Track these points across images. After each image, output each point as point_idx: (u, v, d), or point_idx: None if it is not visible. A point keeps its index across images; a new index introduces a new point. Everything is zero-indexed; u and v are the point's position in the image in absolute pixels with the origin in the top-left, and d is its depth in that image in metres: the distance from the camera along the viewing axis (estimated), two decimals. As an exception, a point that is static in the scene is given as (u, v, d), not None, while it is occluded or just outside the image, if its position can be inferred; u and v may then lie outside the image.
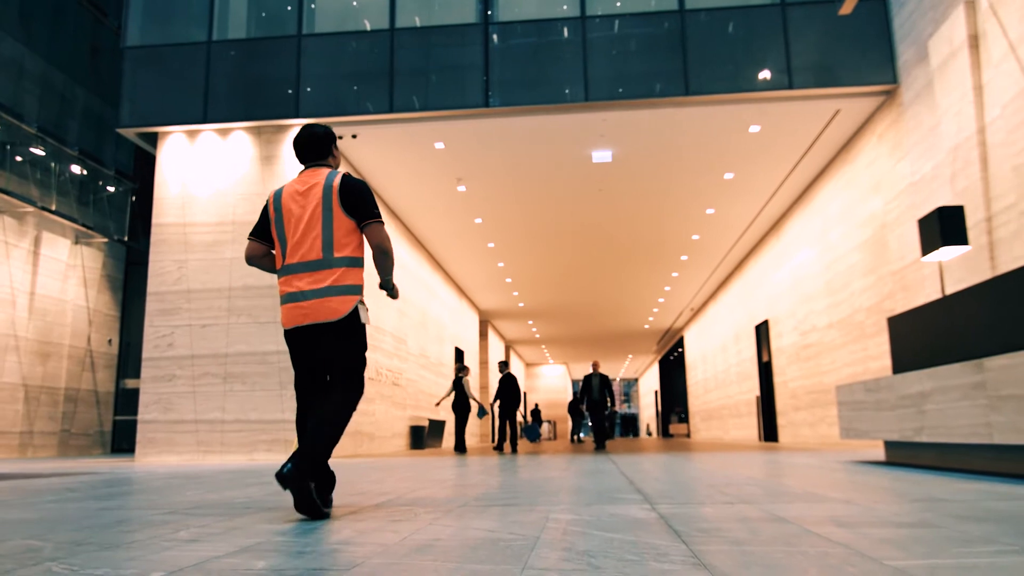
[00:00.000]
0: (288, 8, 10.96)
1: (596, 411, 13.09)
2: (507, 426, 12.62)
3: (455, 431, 12.52)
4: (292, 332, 2.99)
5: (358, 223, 3.00)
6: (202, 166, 10.70)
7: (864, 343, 10.34)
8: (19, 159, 13.75)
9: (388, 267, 3.07)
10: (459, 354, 20.38)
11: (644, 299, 22.53)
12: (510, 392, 12.63)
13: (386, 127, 10.31)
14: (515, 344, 32.24)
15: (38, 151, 14.20)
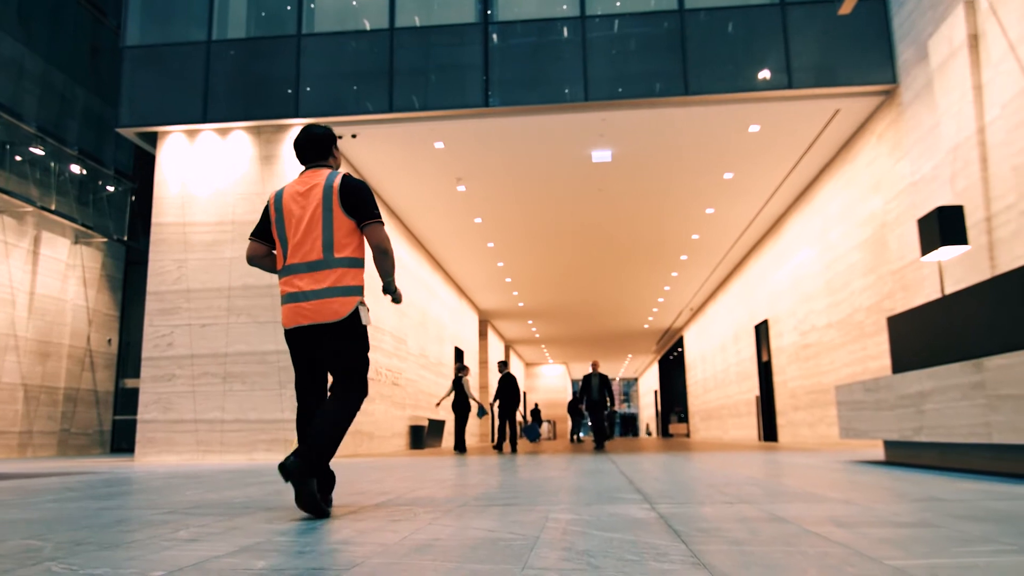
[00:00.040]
0: (288, 8, 10.96)
1: (596, 411, 13.10)
2: (507, 426, 12.62)
3: (455, 431, 12.52)
4: (292, 332, 3.00)
5: (358, 223, 3.01)
6: (202, 166, 10.70)
7: (864, 343, 10.35)
8: (19, 159, 13.75)
9: (388, 268, 3.07)
10: (459, 354, 20.38)
11: (644, 299, 22.53)
12: (509, 392, 12.63)
13: (386, 127, 10.31)
14: (515, 344, 32.24)
15: (38, 151, 14.20)
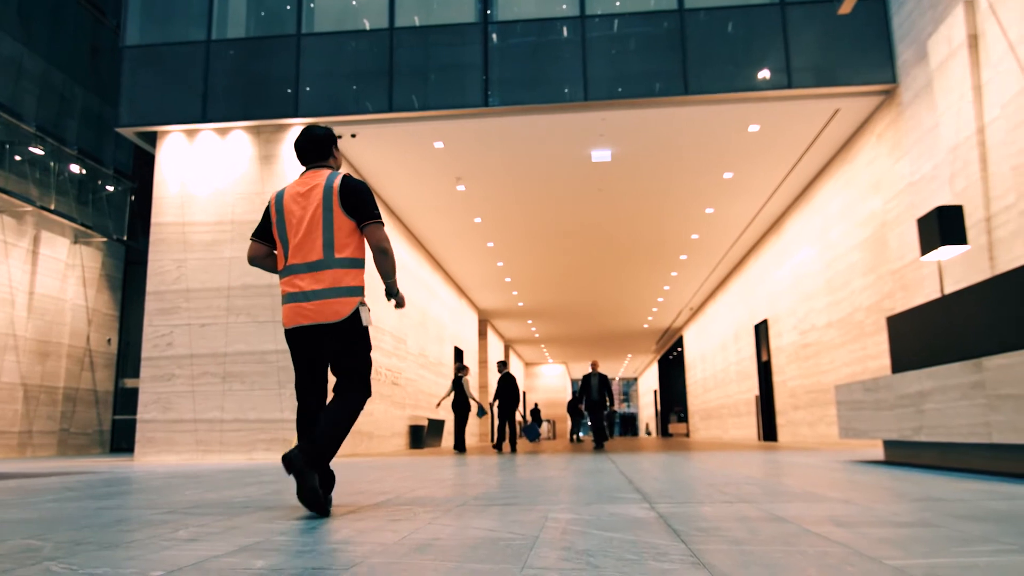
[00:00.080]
0: (287, 7, 10.95)
1: (595, 411, 13.11)
2: (506, 426, 12.62)
3: (454, 430, 12.52)
4: (293, 332, 3.00)
5: (358, 224, 3.01)
6: (201, 165, 10.69)
7: (863, 342, 10.35)
8: (18, 158, 13.75)
9: (388, 268, 3.08)
10: (458, 353, 20.38)
11: (643, 298, 22.54)
12: (509, 392, 12.63)
13: (385, 126, 10.31)
14: (514, 344, 32.24)
15: (37, 150, 14.19)
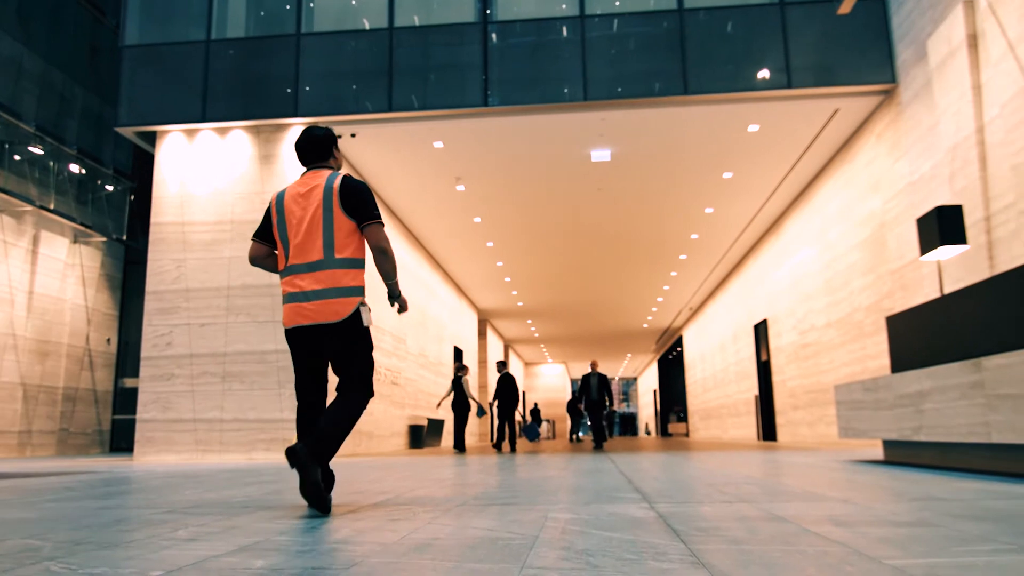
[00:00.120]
0: (287, 7, 10.95)
1: (595, 411, 13.11)
2: (506, 425, 12.61)
3: (454, 430, 12.52)
4: (293, 331, 3.01)
5: (358, 224, 3.02)
6: (201, 165, 10.69)
7: (863, 342, 10.35)
8: (18, 158, 13.74)
9: (388, 268, 3.08)
10: (458, 353, 20.38)
11: (643, 298, 22.54)
12: (508, 392, 12.63)
13: (385, 126, 10.30)
14: (514, 343, 32.24)
15: (37, 150, 14.19)
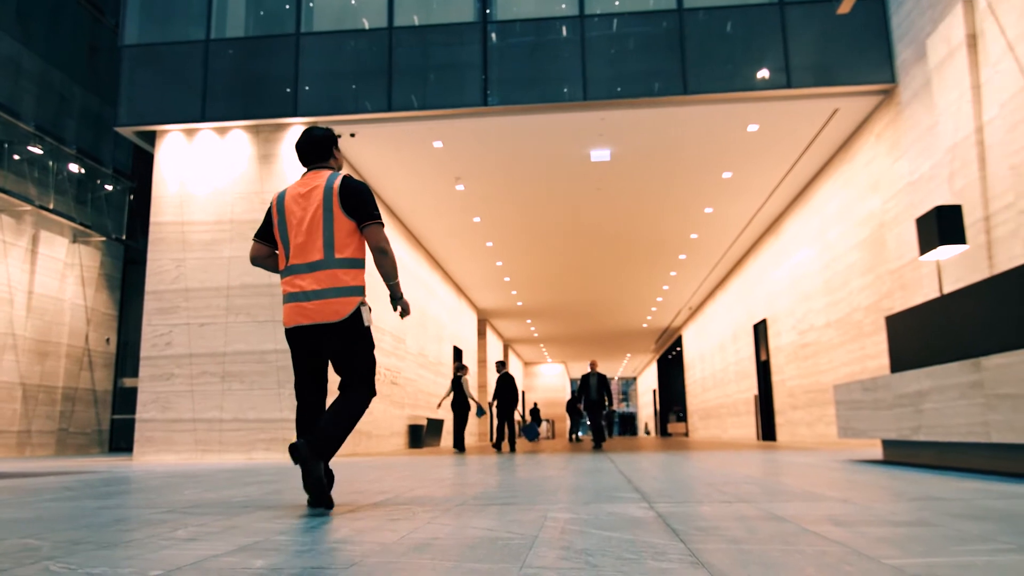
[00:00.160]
0: (286, 7, 10.95)
1: (594, 410, 13.11)
2: (505, 425, 12.61)
3: (454, 430, 12.53)
4: (293, 331, 3.01)
5: (358, 224, 3.03)
6: (200, 165, 10.68)
7: (862, 342, 10.35)
8: (17, 158, 13.73)
9: (388, 269, 3.09)
10: (457, 353, 20.38)
11: (642, 298, 22.54)
12: (508, 392, 12.63)
13: (384, 126, 10.30)
14: (513, 343, 32.24)
15: (36, 150, 14.18)
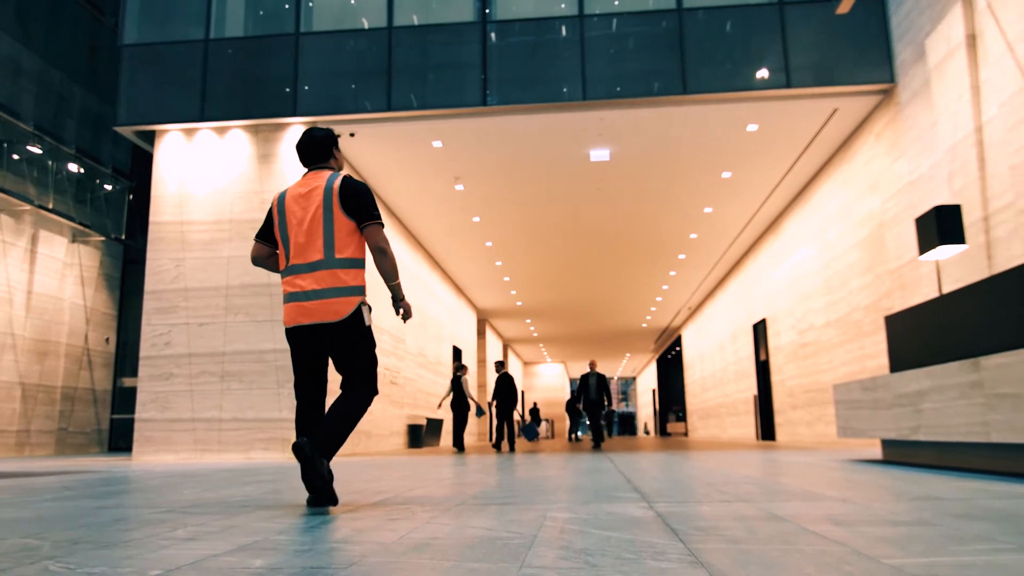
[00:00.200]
0: (286, 6, 10.94)
1: (593, 410, 13.12)
2: (504, 425, 12.62)
3: (453, 430, 12.53)
4: (293, 331, 3.02)
5: (358, 224, 3.04)
6: (199, 164, 10.68)
7: (861, 342, 10.36)
8: (16, 157, 13.73)
9: (388, 269, 3.10)
10: (457, 353, 20.38)
11: (642, 298, 22.55)
12: (507, 391, 12.64)
13: (384, 125, 10.30)
14: (513, 343, 32.24)
15: (35, 149, 14.17)
